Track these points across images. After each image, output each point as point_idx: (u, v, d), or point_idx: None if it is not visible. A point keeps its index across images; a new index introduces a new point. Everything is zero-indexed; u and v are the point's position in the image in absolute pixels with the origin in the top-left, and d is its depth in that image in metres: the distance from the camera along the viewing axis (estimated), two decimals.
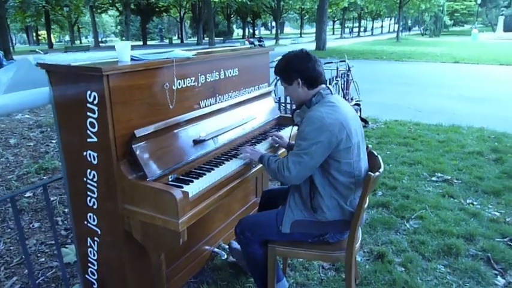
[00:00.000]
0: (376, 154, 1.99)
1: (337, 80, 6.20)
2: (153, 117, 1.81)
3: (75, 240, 2.02)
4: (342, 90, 6.40)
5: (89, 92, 1.60)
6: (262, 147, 2.30)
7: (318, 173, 1.79)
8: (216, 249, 2.51)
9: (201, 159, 2.03)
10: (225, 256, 2.47)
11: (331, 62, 6.63)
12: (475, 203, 3.37)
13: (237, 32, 58.75)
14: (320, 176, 1.79)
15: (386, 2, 35.86)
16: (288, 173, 1.75)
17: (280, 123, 2.79)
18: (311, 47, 21.74)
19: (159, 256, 1.75)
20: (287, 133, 2.55)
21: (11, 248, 2.71)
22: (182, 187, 1.71)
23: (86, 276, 2.04)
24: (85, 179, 1.78)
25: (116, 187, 1.69)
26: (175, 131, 1.91)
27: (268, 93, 2.78)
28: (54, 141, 4.74)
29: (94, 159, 1.71)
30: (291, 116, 2.07)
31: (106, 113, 1.59)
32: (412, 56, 18.33)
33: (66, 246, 2.68)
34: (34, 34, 48.16)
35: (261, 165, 2.18)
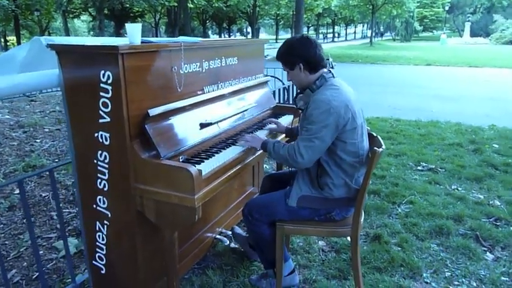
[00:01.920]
0: (375, 134, 2.08)
1: None
2: (163, 100, 1.84)
3: (82, 226, 2.01)
4: None
5: (102, 72, 1.61)
6: (261, 134, 2.35)
7: (324, 154, 1.84)
8: (218, 236, 2.54)
9: (207, 142, 2.07)
10: (228, 242, 2.51)
11: None
12: (459, 188, 3.54)
13: (213, 37, 58.79)
14: (327, 157, 1.85)
15: (359, 7, 36.76)
16: (301, 158, 1.78)
17: (276, 112, 2.86)
18: None
19: (173, 233, 1.76)
20: (283, 121, 2.63)
21: (6, 242, 2.65)
22: (194, 166, 1.74)
23: (93, 262, 2.02)
24: (95, 161, 1.79)
25: (129, 167, 1.70)
26: (183, 113, 1.94)
27: (265, 83, 2.85)
28: (38, 141, 4.64)
29: (106, 140, 1.72)
30: (294, 101, 2.12)
31: (121, 91, 1.60)
32: (387, 59, 18.89)
33: None
34: (2, 40, 46.52)
35: None
